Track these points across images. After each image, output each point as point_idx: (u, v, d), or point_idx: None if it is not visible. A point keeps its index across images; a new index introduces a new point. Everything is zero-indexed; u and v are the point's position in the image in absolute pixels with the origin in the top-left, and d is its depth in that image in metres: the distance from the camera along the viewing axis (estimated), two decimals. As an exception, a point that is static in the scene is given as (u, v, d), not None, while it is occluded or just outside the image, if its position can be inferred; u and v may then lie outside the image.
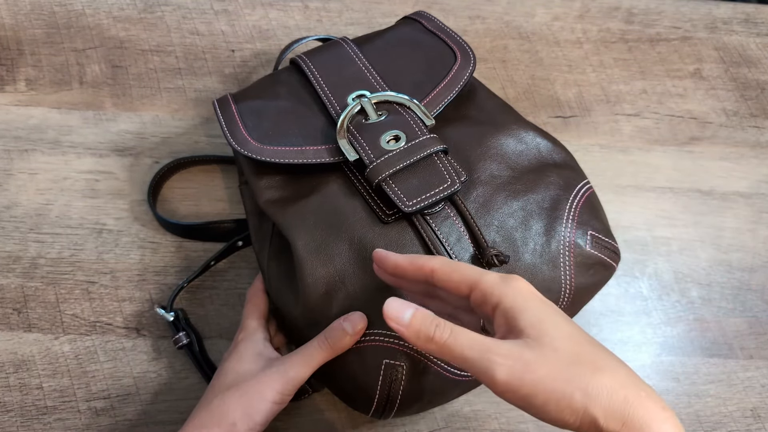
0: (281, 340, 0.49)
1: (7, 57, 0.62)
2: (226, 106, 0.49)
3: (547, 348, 0.31)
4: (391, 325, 0.34)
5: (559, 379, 0.31)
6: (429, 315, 0.34)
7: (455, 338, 0.32)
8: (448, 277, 0.35)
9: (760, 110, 0.65)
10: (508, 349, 0.31)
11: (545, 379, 0.31)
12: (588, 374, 0.31)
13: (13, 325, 0.52)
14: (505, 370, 0.31)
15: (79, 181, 0.57)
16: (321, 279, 0.42)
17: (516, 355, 0.31)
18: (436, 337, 0.33)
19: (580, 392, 0.30)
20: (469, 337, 0.32)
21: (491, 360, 0.31)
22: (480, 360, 0.31)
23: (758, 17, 0.70)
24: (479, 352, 0.31)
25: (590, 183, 0.47)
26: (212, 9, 0.66)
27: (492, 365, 0.31)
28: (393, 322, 0.33)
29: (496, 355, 0.31)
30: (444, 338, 0.32)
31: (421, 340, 0.33)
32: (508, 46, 0.66)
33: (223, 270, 0.55)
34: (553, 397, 0.30)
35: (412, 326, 0.33)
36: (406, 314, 0.34)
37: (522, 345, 0.32)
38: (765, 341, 0.55)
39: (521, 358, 0.31)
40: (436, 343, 0.33)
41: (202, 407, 0.41)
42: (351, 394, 0.43)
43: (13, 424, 0.49)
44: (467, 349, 0.32)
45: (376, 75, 0.49)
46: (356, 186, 0.45)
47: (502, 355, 0.31)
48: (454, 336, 0.32)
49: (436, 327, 0.33)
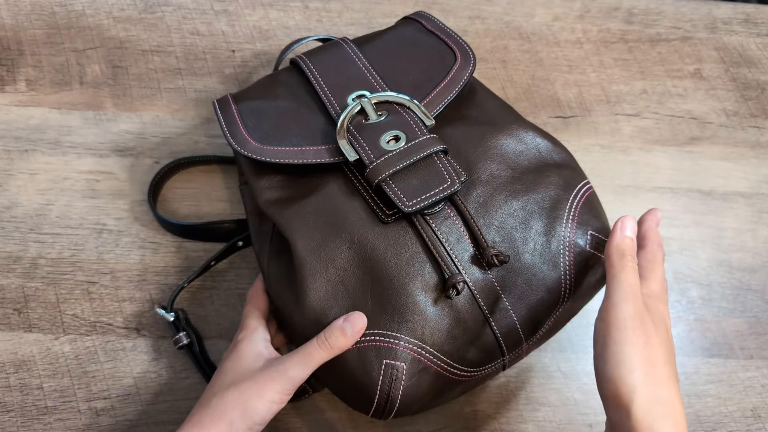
0: (281, 340, 0.49)
1: (8, 57, 0.62)
2: (226, 106, 0.49)
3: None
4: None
5: (638, 357, 0.36)
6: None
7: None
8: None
9: (760, 110, 0.65)
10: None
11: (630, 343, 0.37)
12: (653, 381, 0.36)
13: (13, 325, 0.52)
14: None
15: (79, 181, 0.57)
16: (321, 279, 0.42)
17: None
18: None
19: (638, 382, 0.36)
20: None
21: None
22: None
23: (758, 17, 0.70)
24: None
25: (590, 183, 0.47)
26: (212, 9, 0.66)
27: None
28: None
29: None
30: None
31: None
32: (508, 46, 0.66)
33: (223, 270, 0.55)
34: (623, 360, 0.36)
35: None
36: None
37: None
38: (765, 341, 0.55)
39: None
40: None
41: (201, 406, 0.41)
42: (351, 394, 0.43)
43: (14, 425, 0.49)
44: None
45: (376, 75, 0.49)
46: (356, 186, 0.45)
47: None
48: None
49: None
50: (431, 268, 0.42)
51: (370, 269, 0.42)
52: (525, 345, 0.44)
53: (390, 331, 0.41)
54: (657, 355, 0.37)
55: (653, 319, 0.38)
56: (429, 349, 0.41)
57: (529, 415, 0.51)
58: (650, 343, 0.37)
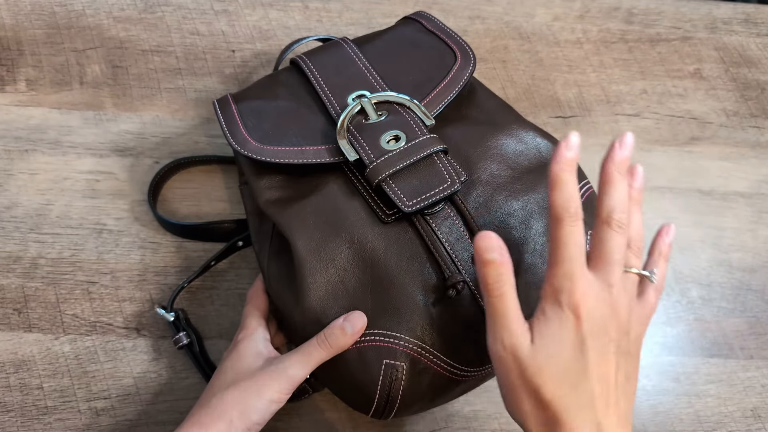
0: (281, 340, 0.49)
1: (8, 57, 0.62)
2: (226, 106, 0.49)
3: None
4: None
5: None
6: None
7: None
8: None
9: (760, 110, 0.65)
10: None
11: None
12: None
13: (13, 325, 0.52)
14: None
15: (79, 181, 0.57)
16: (321, 279, 0.42)
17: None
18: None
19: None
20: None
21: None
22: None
23: (758, 17, 0.70)
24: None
25: (590, 183, 0.47)
26: (212, 9, 0.66)
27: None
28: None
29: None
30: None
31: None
32: (508, 46, 0.66)
33: (223, 270, 0.55)
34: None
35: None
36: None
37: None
38: (765, 341, 0.55)
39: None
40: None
41: (200, 406, 0.41)
42: (351, 394, 0.43)
43: (14, 425, 0.49)
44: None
45: (376, 75, 0.49)
46: (356, 186, 0.45)
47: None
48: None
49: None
50: (431, 268, 0.42)
51: (370, 269, 0.42)
52: (525, 345, 0.44)
53: (390, 330, 0.41)
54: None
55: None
56: (429, 349, 0.41)
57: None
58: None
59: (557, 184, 0.35)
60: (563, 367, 0.34)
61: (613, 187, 0.36)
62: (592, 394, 0.34)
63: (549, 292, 0.35)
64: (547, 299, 0.36)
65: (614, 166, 0.37)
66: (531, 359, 0.35)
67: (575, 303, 0.34)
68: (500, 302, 0.35)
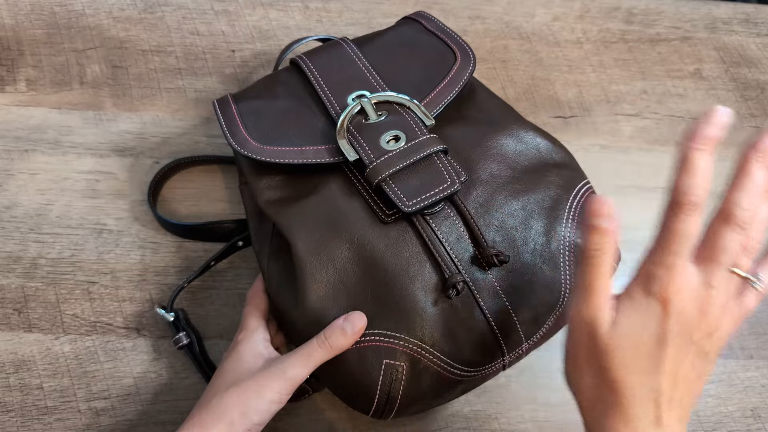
0: (281, 340, 0.49)
1: (8, 57, 0.62)
2: (226, 106, 0.49)
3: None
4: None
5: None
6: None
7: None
8: None
9: (760, 110, 0.65)
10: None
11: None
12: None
13: (13, 325, 0.52)
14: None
15: (79, 181, 0.57)
16: (321, 279, 0.42)
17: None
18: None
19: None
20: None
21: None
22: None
23: (758, 17, 0.70)
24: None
25: (590, 183, 0.47)
26: (212, 9, 0.66)
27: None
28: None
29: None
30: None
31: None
32: (508, 46, 0.66)
33: (223, 270, 0.55)
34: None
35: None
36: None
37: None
38: (765, 341, 0.55)
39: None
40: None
41: (200, 406, 0.41)
42: (351, 394, 0.43)
43: (14, 425, 0.49)
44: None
45: (376, 75, 0.49)
46: (356, 186, 0.45)
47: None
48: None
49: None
50: (431, 268, 0.42)
51: (370, 269, 0.42)
52: (525, 345, 0.44)
53: (390, 331, 0.41)
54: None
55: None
56: (429, 349, 0.41)
57: (529, 415, 0.51)
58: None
59: (686, 165, 0.32)
60: (638, 355, 0.33)
61: (747, 179, 0.33)
62: (660, 388, 0.33)
63: (642, 275, 0.34)
64: (638, 283, 0.34)
65: (756, 155, 0.33)
66: (608, 338, 0.33)
67: (666, 297, 0.33)
68: (593, 271, 0.33)
